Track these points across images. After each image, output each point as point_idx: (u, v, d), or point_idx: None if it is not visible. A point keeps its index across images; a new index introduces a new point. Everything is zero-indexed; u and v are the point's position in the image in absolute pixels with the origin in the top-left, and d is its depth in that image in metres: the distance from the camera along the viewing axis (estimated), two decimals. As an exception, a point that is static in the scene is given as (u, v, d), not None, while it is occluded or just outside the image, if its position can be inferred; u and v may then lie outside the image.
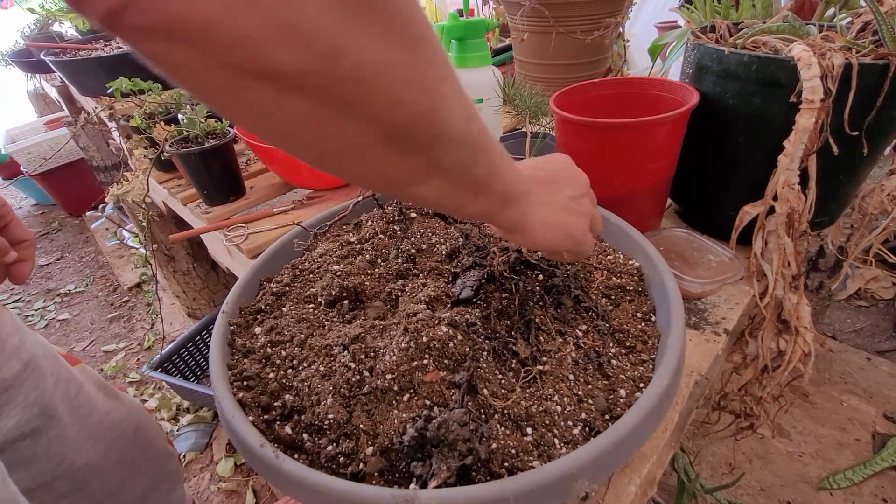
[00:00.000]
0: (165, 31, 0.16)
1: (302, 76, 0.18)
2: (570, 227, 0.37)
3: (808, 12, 0.71)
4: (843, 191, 0.59)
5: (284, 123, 0.20)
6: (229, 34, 0.16)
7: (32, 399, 0.56)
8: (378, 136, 0.22)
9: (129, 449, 0.67)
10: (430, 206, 0.29)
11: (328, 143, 0.22)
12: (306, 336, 0.44)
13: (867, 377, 1.29)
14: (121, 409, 0.68)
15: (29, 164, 2.39)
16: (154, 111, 0.95)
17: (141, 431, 0.71)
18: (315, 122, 0.20)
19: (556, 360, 0.41)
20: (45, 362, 0.59)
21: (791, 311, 0.53)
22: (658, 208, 0.66)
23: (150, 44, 0.17)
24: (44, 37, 1.80)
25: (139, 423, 0.71)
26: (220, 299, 1.62)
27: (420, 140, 0.24)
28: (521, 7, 0.94)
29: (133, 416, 0.70)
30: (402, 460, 0.34)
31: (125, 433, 0.67)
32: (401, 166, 0.24)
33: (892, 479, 1.05)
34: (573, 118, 0.57)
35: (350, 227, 0.62)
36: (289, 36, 0.17)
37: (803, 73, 0.47)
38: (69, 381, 0.63)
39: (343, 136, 0.21)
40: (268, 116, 0.20)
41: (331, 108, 0.20)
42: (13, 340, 0.56)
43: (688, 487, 0.78)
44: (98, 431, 0.63)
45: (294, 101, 0.19)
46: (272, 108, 0.19)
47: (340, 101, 0.20)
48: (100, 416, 0.65)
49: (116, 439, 0.66)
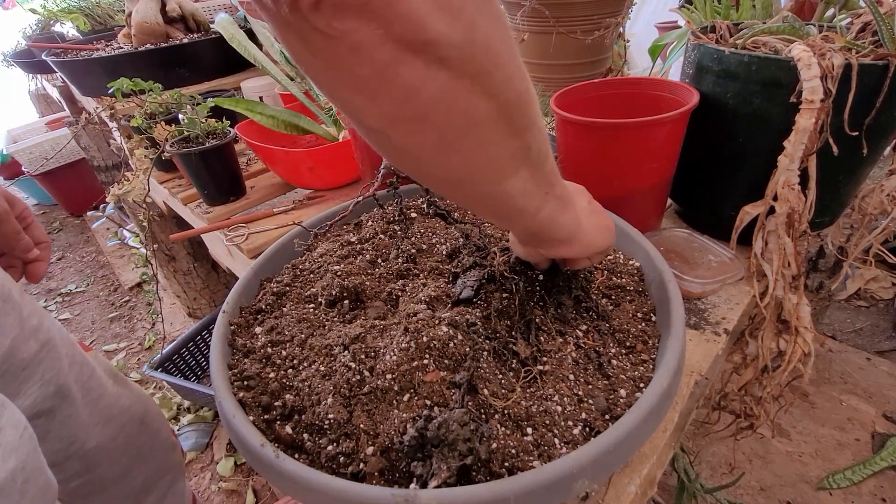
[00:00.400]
0: (359, 7, 0.19)
1: (449, 46, 0.21)
2: (608, 226, 0.39)
3: (808, 13, 0.71)
4: (842, 191, 0.59)
5: (425, 99, 0.23)
6: (406, 6, 0.20)
7: (48, 378, 0.57)
8: (497, 111, 0.25)
9: (137, 436, 0.69)
10: (510, 206, 0.31)
11: (458, 117, 0.24)
12: (307, 336, 0.44)
13: (867, 377, 1.29)
14: (129, 396, 0.70)
15: (30, 164, 2.39)
16: (155, 111, 0.95)
17: (148, 419, 0.72)
18: (451, 95, 0.23)
19: (557, 360, 0.41)
20: (61, 344, 0.61)
21: (791, 311, 0.53)
22: (658, 208, 0.66)
23: (343, 21, 0.20)
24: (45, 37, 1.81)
25: (146, 411, 0.73)
26: (220, 299, 1.62)
27: (521, 121, 0.27)
28: (521, 7, 0.94)
29: (141, 403, 0.72)
30: (403, 460, 0.34)
31: (133, 419, 0.69)
32: (506, 148, 0.27)
33: (892, 478, 1.05)
34: (573, 118, 0.57)
35: (350, 227, 0.62)
36: (445, 8, 0.20)
37: (803, 73, 0.47)
38: (83, 364, 0.64)
39: (471, 111, 0.24)
40: (412, 92, 0.23)
41: (465, 80, 0.23)
42: (32, 321, 0.57)
43: (688, 487, 0.78)
44: (108, 416, 0.65)
45: (438, 73, 0.22)
46: (419, 82, 0.22)
47: (473, 71, 0.23)
48: (110, 400, 0.66)
49: (125, 424, 0.67)
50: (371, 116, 0.24)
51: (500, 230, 0.58)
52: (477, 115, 0.25)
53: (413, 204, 0.64)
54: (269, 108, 0.90)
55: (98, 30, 1.73)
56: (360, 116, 0.25)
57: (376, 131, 0.25)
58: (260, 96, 1.14)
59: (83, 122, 1.39)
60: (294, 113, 0.92)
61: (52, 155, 2.32)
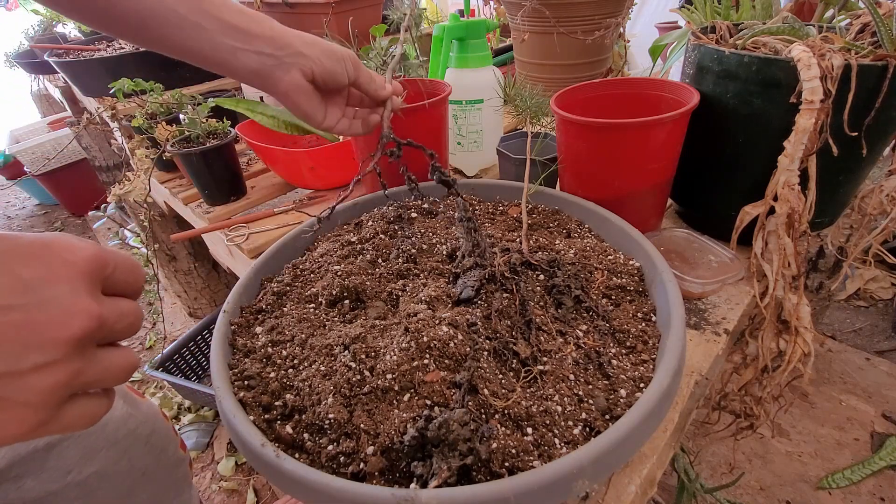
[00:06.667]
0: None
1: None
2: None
3: (808, 14, 0.71)
4: (842, 191, 0.59)
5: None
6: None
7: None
8: None
9: (142, 457, 0.66)
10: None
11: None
12: (307, 336, 0.45)
13: (866, 377, 1.29)
14: (137, 417, 0.67)
15: (32, 164, 2.40)
16: (156, 111, 0.96)
17: (154, 438, 0.69)
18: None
19: (557, 360, 0.41)
20: None
21: (791, 311, 0.53)
22: (659, 208, 0.66)
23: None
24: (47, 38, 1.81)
25: (153, 430, 0.69)
26: (221, 299, 1.62)
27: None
28: (521, 7, 0.94)
29: (148, 423, 0.69)
30: (403, 460, 0.34)
31: (138, 440, 0.66)
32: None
33: (891, 478, 1.05)
34: (574, 118, 0.57)
35: (351, 226, 0.63)
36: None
37: (803, 73, 0.47)
38: None
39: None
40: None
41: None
42: None
43: (688, 487, 0.78)
44: (113, 440, 0.63)
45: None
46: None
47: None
48: (116, 424, 0.63)
49: (130, 447, 0.65)
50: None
51: (500, 230, 0.58)
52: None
53: (413, 204, 0.65)
54: (270, 108, 0.91)
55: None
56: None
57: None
58: (261, 96, 1.14)
59: (85, 123, 1.39)
60: (295, 113, 0.92)
61: (54, 155, 2.32)
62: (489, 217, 0.63)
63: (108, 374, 0.26)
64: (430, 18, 1.79)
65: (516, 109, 0.74)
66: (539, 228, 0.60)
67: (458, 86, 0.81)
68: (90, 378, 0.25)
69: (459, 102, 0.84)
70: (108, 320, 0.25)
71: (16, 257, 0.23)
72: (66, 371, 0.23)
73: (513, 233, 0.58)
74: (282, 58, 0.46)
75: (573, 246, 0.54)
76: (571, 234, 0.59)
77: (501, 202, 0.66)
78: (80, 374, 0.24)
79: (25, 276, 0.23)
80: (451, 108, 0.85)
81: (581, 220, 0.60)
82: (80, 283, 0.24)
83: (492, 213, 0.64)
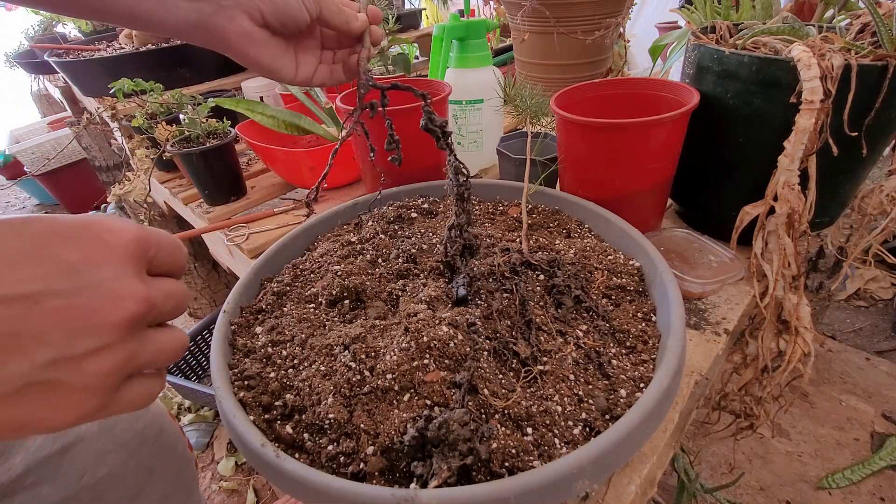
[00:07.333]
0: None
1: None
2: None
3: (808, 14, 0.71)
4: (842, 191, 0.59)
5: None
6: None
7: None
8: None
9: (150, 457, 0.66)
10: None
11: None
12: (307, 336, 0.45)
13: (866, 377, 1.29)
14: (144, 418, 0.67)
15: (32, 164, 2.40)
16: (156, 111, 0.96)
17: (162, 439, 0.69)
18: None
19: (557, 360, 0.41)
20: None
21: (791, 311, 0.53)
22: (659, 208, 0.66)
23: None
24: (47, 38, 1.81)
25: (161, 430, 0.69)
26: (221, 299, 1.62)
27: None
28: (521, 7, 0.94)
29: (156, 423, 0.68)
30: (403, 460, 0.34)
31: (146, 441, 0.66)
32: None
33: (891, 478, 1.05)
34: (574, 118, 0.57)
35: (350, 226, 0.63)
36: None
37: (803, 73, 0.47)
38: None
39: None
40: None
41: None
42: None
43: (688, 487, 0.78)
44: (121, 441, 0.62)
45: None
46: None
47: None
48: (124, 426, 0.63)
49: (138, 448, 0.64)
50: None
51: (500, 230, 0.58)
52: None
53: (413, 204, 0.65)
54: (270, 108, 0.91)
55: (100, 30, 1.73)
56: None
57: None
58: (260, 96, 1.14)
59: (85, 123, 1.39)
60: (295, 113, 0.92)
61: (54, 155, 2.32)
62: (489, 217, 0.63)
63: (160, 355, 0.26)
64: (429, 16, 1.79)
65: (516, 109, 0.73)
66: (539, 228, 0.60)
67: (458, 86, 0.81)
68: (144, 360, 0.25)
69: (459, 102, 0.84)
70: (156, 302, 0.25)
71: (57, 240, 0.23)
72: (121, 354, 0.23)
73: (513, 233, 0.58)
74: (220, 1, 0.38)
75: (573, 246, 0.54)
76: (571, 234, 0.59)
77: (501, 202, 0.66)
78: (135, 357, 0.24)
79: (70, 260, 0.23)
80: (451, 108, 0.85)
81: (581, 220, 0.60)
82: (126, 265, 0.24)
83: (492, 213, 0.64)
